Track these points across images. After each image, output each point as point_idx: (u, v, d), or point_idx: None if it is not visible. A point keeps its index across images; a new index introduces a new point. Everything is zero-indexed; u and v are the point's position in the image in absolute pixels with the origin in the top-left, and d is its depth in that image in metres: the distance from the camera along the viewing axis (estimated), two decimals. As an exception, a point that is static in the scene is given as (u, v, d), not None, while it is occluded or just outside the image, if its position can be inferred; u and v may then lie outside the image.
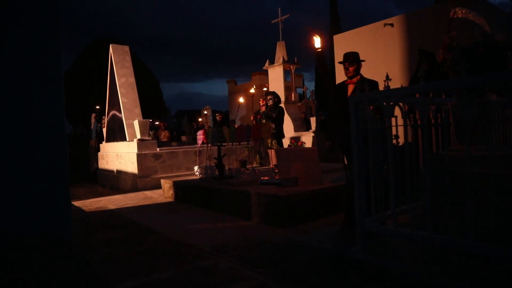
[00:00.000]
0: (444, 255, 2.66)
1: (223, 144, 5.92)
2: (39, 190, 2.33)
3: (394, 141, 3.10)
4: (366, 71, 5.84)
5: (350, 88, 4.14)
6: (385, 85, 2.65)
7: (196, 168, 6.73)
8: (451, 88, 2.30)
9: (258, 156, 7.89)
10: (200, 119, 20.25)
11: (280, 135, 8.03)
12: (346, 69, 4.16)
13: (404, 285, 2.47)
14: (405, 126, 2.75)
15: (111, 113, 10.35)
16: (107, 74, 10.09)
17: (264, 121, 8.31)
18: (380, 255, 2.83)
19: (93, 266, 2.39)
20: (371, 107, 3.02)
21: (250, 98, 17.85)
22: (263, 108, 8.79)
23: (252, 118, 9.63)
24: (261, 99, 9.24)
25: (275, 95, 8.42)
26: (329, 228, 3.93)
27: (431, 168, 2.63)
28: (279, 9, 13.42)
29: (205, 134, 6.39)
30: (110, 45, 9.73)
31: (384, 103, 2.68)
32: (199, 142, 6.72)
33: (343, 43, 9.24)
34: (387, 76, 2.73)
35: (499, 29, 6.66)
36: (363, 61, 4.19)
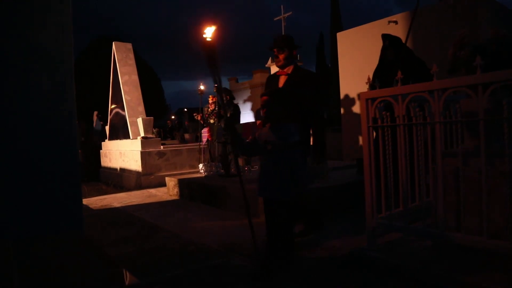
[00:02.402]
0: (455, 252, 2.66)
1: (228, 141, 5.91)
2: (53, 190, 2.33)
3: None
4: (369, 69, 5.80)
5: (282, 80, 3.44)
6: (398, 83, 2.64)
7: (201, 166, 6.73)
8: (469, 84, 2.29)
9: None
10: (173, 117, 19.78)
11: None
12: (275, 57, 3.42)
13: (418, 283, 2.47)
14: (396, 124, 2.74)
15: (114, 111, 10.34)
16: (109, 71, 10.08)
17: (211, 121, 7.74)
18: (390, 252, 2.82)
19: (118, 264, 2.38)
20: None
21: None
22: (212, 106, 8.03)
23: (199, 118, 8.64)
24: (210, 96, 8.38)
25: (227, 92, 7.72)
26: (336, 225, 3.93)
27: (444, 165, 2.62)
28: (282, 6, 13.41)
29: (210, 131, 6.39)
30: (113, 42, 9.71)
31: (396, 100, 2.68)
32: (204, 139, 6.71)
33: (346, 40, 9.21)
34: (399, 73, 2.72)
35: (503, 26, 6.62)
36: (299, 46, 3.44)
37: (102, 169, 10.57)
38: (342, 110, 8.84)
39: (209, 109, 8.16)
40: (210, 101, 8.14)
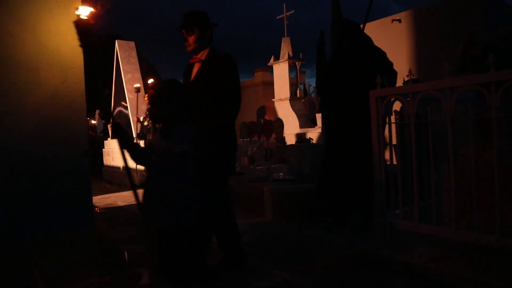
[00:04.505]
0: (466, 250, 2.65)
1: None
2: (64, 189, 2.33)
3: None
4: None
5: (196, 68, 2.70)
6: (409, 81, 2.63)
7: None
8: (482, 82, 2.28)
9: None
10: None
11: None
12: (184, 40, 2.67)
13: (428, 281, 2.46)
14: (409, 123, 2.73)
15: (117, 109, 10.34)
16: (110, 70, 10.07)
17: (145, 123, 6.51)
18: (399, 250, 2.81)
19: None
20: None
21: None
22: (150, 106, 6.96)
23: (136, 119, 7.43)
24: (145, 95, 6.99)
25: None
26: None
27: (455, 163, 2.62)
28: (284, 5, 13.40)
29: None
30: (116, 41, 9.70)
31: (408, 99, 2.67)
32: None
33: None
34: (410, 72, 2.71)
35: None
36: (215, 25, 2.71)
37: (105, 168, 10.56)
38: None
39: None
40: (147, 101, 7.09)
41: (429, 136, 2.66)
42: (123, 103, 9.92)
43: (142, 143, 7.13)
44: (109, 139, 10.95)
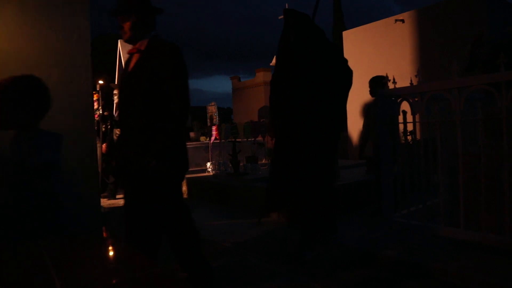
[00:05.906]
0: (473, 250, 2.64)
1: (238, 140, 5.89)
2: (74, 188, 2.32)
3: (409, 137, 3.07)
4: (375, 69, 5.77)
5: (134, 60, 2.28)
6: (418, 81, 2.62)
7: (208, 164, 6.71)
8: (491, 82, 2.28)
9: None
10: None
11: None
12: (119, 27, 2.26)
13: (438, 282, 2.45)
14: (413, 122, 2.73)
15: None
16: (111, 69, 10.06)
17: (102, 127, 5.89)
18: (407, 250, 2.81)
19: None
20: None
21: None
22: (95, 106, 5.73)
23: (96, 116, 5.79)
24: (95, 94, 5.79)
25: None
26: (349, 224, 3.91)
27: (463, 164, 2.61)
28: (286, 4, 13.40)
29: (218, 130, 6.37)
30: (119, 40, 9.67)
31: (416, 99, 2.66)
32: (212, 138, 6.70)
33: (353, 39, 9.19)
34: (418, 71, 2.70)
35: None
36: (158, 11, 2.32)
37: (107, 168, 10.55)
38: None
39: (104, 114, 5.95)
40: (95, 98, 5.77)
41: (438, 136, 2.65)
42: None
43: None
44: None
